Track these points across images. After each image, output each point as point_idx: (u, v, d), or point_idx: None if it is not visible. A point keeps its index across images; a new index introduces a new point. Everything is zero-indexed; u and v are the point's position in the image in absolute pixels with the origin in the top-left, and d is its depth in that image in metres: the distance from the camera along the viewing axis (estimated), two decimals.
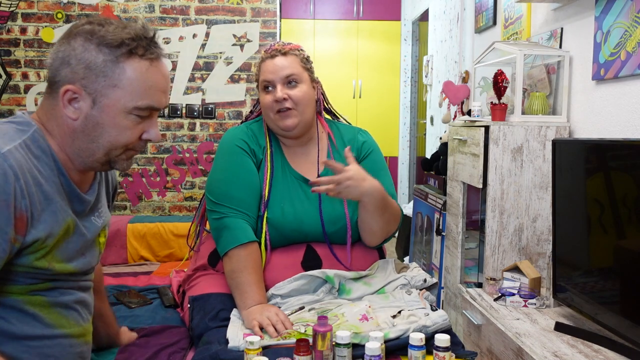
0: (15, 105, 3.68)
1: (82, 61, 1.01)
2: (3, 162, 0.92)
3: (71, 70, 1.02)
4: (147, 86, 1.05)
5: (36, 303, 1.01)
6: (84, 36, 1.02)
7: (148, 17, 3.68)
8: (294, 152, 1.67)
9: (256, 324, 1.39)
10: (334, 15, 5.79)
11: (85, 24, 1.04)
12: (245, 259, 1.50)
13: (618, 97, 1.95)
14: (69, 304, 1.07)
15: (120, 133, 1.05)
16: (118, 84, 1.03)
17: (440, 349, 1.23)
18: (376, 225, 1.59)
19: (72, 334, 1.07)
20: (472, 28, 3.45)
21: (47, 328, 1.02)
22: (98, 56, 1.02)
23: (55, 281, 1.05)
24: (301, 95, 1.60)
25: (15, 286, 0.99)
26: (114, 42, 1.02)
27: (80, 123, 1.04)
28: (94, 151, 1.06)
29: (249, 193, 1.58)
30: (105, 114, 1.03)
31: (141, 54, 1.04)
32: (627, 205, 1.48)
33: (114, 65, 1.02)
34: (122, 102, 1.04)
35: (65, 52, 1.02)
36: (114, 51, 1.02)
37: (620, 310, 1.49)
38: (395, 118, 5.88)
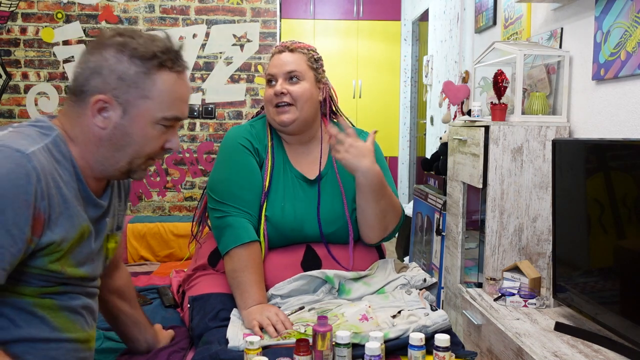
0: (15, 105, 3.68)
1: (114, 72, 1.03)
2: (27, 163, 0.93)
3: (103, 81, 1.03)
4: (174, 97, 1.08)
5: (45, 306, 1.02)
6: (116, 48, 1.04)
7: (148, 17, 3.68)
8: (295, 150, 1.67)
9: (256, 324, 1.39)
10: (334, 15, 5.79)
11: (115, 36, 1.06)
12: (246, 258, 1.50)
13: (618, 97, 1.95)
14: (77, 309, 1.08)
15: (147, 142, 1.08)
16: (148, 94, 1.05)
17: (440, 349, 1.23)
18: (372, 212, 1.58)
19: (77, 339, 1.08)
20: (472, 28, 3.45)
21: (54, 331, 1.03)
22: (130, 67, 1.04)
23: (65, 285, 1.06)
24: (301, 91, 1.60)
25: (28, 288, 1.00)
26: (146, 54, 1.05)
27: (109, 132, 1.06)
28: (118, 159, 1.08)
29: (252, 192, 1.58)
30: (135, 123, 1.06)
31: (170, 66, 1.07)
32: (627, 205, 1.48)
33: (146, 77, 1.05)
34: (151, 112, 1.06)
35: (97, 62, 1.04)
36: (145, 63, 1.05)
37: (620, 310, 1.49)
38: (395, 118, 5.88)
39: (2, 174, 0.91)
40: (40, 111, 3.70)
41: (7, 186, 0.91)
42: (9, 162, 0.92)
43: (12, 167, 0.92)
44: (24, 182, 0.92)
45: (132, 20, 3.68)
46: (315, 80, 1.65)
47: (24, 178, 0.92)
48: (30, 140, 0.98)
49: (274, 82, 1.62)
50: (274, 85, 1.62)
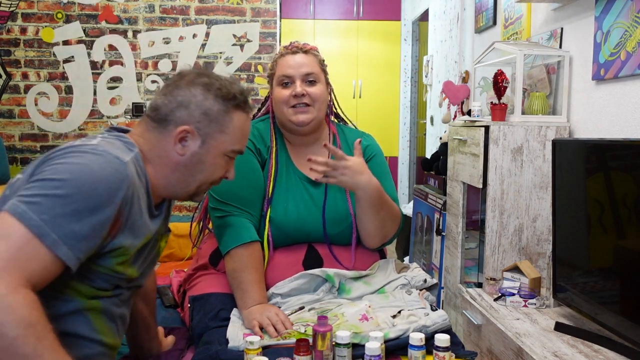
0: (15, 105, 3.68)
1: (200, 107, 1.18)
2: (124, 169, 1.05)
3: (188, 114, 1.18)
4: (243, 134, 1.26)
5: (91, 307, 1.10)
6: (204, 86, 1.20)
7: (148, 17, 3.68)
8: (298, 151, 1.68)
9: (256, 323, 1.39)
10: (334, 15, 5.79)
11: (202, 76, 1.22)
12: (247, 258, 1.50)
13: (618, 97, 1.95)
14: (114, 317, 1.16)
15: (215, 171, 1.24)
16: (225, 130, 1.21)
17: (440, 349, 1.23)
18: (371, 224, 1.59)
19: (108, 344, 1.15)
20: (472, 28, 3.46)
21: (93, 332, 1.11)
22: (215, 105, 1.19)
23: (118, 288, 1.15)
24: (319, 93, 1.61)
25: (86, 286, 1.08)
26: (228, 95, 1.21)
27: (186, 159, 1.19)
28: (189, 183, 1.22)
29: (253, 192, 1.59)
30: (210, 153, 1.20)
31: (243, 107, 1.24)
32: (627, 205, 1.48)
33: (225, 114, 1.21)
34: (225, 145, 1.22)
35: (185, 97, 1.19)
36: (227, 103, 1.21)
37: (620, 310, 1.49)
38: (395, 118, 5.88)
39: (102, 176, 1.02)
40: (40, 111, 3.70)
41: (104, 187, 1.01)
42: (109, 166, 1.04)
43: (111, 171, 1.03)
44: (117, 185, 1.03)
45: (132, 20, 3.68)
46: (325, 82, 1.67)
47: (118, 183, 1.04)
48: (122, 151, 1.10)
49: (290, 84, 1.61)
50: (289, 86, 1.61)
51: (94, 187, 1.00)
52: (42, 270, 0.96)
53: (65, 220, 0.97)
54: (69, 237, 0.97)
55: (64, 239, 0.97)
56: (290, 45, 1.66)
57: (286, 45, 1.67)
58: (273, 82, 1.66)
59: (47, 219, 0.96)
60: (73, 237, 0.98)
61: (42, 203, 0.97)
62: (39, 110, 3.70)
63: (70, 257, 0.98)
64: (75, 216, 0.98)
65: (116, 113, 3.74)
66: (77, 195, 0.98)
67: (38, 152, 3.72)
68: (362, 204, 1.55)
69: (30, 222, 0.95)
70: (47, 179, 1.00)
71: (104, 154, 1.05)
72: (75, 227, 0.98)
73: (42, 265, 0.96)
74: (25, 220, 0.95)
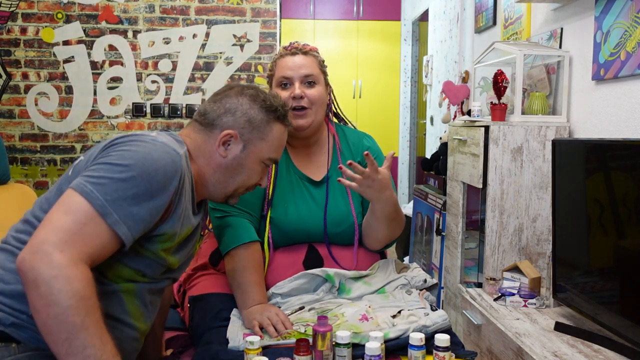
0: (15, 105, 3.68)
1: (245, 115, 1.29)
2: (179, 160, 1.15)
3: (234, 120, 1.28)
4: (280, 144, 1.35)
5: (127, 290, 1.17)
6: (250, 97, 1.31)
7: (148, 17, 3.68)
8: (299, 152, 1.67)
9: (256, 323, 1.39)
10: (334, 15, 5.79)
11: (249, 88, 1.34)
12: (247, 258, 1.50)
13: (618, 97, 1.95)
14: (146, 302, 1.22)
15: (252, 175, 1.33)
16: (265, 138, 1.31)
17: (440, 349, 1.23)
18: (381, 233, 1.61)
19: (138, 328, 1.21)
20: (472, 28, 3.46)
21: (124, 314, 1.17)
22: (259, 114, 1.30)
23: (155, 277, 1.21)
24: (318, 95, 1.60)
25: (127, 269, 1.15)
26: (272, 107, 1.32)
27: (228, 160, 1.29)
28: (228, 184, 1.31)
29: (253, 193, 1.58)
30: (249, 158, 1.30)
31: (282, 120, 1.35)
32: (627, 205, 1.48)
33: (267, 124, 1.31)
34: (263, 152, 1.32)
35: (232, 105, 1.30)
36: (270, 114, 1.31)
37: (620, 310, 1.49)
38: (395, 118, 5.88)
39: (160, 165, 1.11)
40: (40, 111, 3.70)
41: (162, 175, 1.11)
42: (167, 156, 1.13)
43: (168, 161, 1.13)
44: (173, 174, 1.13)
45: (132, 20, 3.68)
46: (325, 84, 1.66)
47: (173, 172, 1.13)
48: (177, 146, 1.19)
49: (289, 85, 1.61)
50: (288, 87, 1.60)
51: (154, 174, 1.09)
52: (101, 247, 1.05)
53: (127, 202, 1.06)
54: (128, 218, 1.06)
55: (124, 219, 1.06)
56: (289, 46, 1.65)
57: (285, 46, 1.66)
58: (272, 83, 1.65)
59: (110, 200, 1.05)
60: (132, 218, 1.07)
61: (107, 185, 1.06)
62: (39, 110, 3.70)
63: (128, 236, 1.07)
64: (135, 199, 1.07)
65: (116, 113, 3.74)
66: (139, 180, 1.08)
67: (38, 152, 3.72)
68: (378, 216, 1.56)
69: (96, 202, 1.04)
70: (113, 163, 1.08)
71: (163, 146, 1.14)
72: (134, 209, 1.07)
73: (102, 242, 1.05)
74: (91, 199, 1.04)
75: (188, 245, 1.28)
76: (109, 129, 3.73)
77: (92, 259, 1.04)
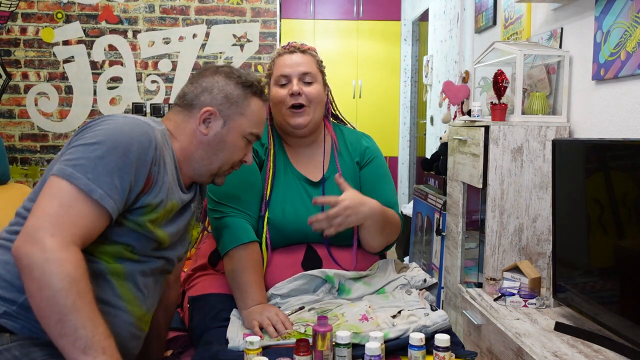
0: (15, 105, 3.68)
1: (222, 91, 1.32)
2: (152, 133, 1.18)
3: (212, 97, 1.31)
4: (259, 119, 1.37)
5: (115, 272, 1.18)
6: (225, 75, 1.34)
7: (148, 17, 3.68)
8: (296, 152, 1.67)
9: (256, 324, 1.38)
10: (334, 15, 5.79)
11: (224, 67, 1.36)
12: (245, 258, 1.50)
13: (618, 97, 1.95)
14: (139, 285, 1.22)
15: (235, 151, 1.35)
16: (244, 112, 1.34)
17: (440, 349, 1.23)
18: (376, 241, 1.61)
19: (133, 312, 1.21)
20: (472, 28, 3.46)
21: (115, 297, 1.18)
22: (235, 90, 1.33)
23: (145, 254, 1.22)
24: (315, 93, 1.60)
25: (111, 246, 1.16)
26: (247, 82, 1.34)
27: (209, 138, 1.31)
28: (212, 161, 1.33)
29: (251, 193, 1.58)
30: (230, 134, 1.32)
31: (260, 95, 1.37)
32: (627, 205, 1.48)
33: (245, 99, 1.34)
34: (244, 127, 1.34)
35: (209, 83, 1.32)
36: (246, 89, 1.34)
37: (620, 310, 1.49)
38: (395, 118, 5.88)
39: (134, 135, 1.14)
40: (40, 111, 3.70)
41: (135, 144, 1.14)
42: (139, 128, 1.16)
43: (141, 132, 1.16)
44: (147, 145, 1.16)
45: (132, 20, 3.68)
46: (323, 83, 1.66)
47: (147, 142, 1.16)
48: (151, 121, 1.24)
49: (287, 83, 1.61)
50: (286, 85, 1.60)
51: (129, 145, 1.13)
52: (90, 225, 1.09)
53: (109, 176, 1.10)
54: (112, 191, 1.10)
55: (108, 192, 1.09)
56: (288, 45, 1.66)
57: (284, 46, 1.66)
58: (271, 83, 1.65)
59: (92, 177, 1.09)
60: (116, 191, 1.10)
61: (85, 164, 1.09)
62: (39, 110, 3.70)
63: (115, 209, 1.11)
64: (115, 173, 1.10)
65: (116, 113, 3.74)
66: (115, 154, 1.11)
67: (38, 152, 3.72)
68: (370, 229, 1.57)
69: (79, 181, 1.08)
70: (88, 143, 1.12)
71: (134, 119, 1.19)
72: (117, 182, 1.11)
73: (91, 220, 1.08)
74: (73, 180, 1.08)
75: (177, 222, 1.29)
76: None
77: (83, 239, 1.07)
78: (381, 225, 1.56)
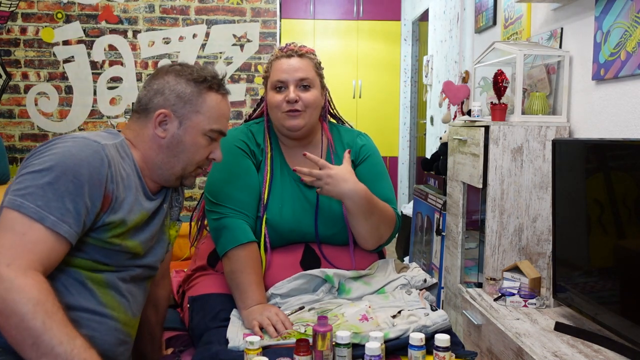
0: (15, 105, 3.68)
1: (174, 91, 1.28)
2: (102, 150, 1.16)
3: (164, 99, 1.27)
4: (219, 114, 1.32)
5: (95, 280, 1.18)
6: (176, 73, 1.30)
7: (148, 17, 3.68)
8: (293, 153, 1.67)
9: (256, 324, 1.38)
10: (334, 15, 5.79)
11: (174, 65, 1.32)
12: (244, 259, 1.50)
13: (618, 97, 1.95)
14: (122, 292, 1.22)
15: (196, 151, 1.30)
16: (200, 110, 1.29)
17: (440, 349, 1.23)
18: (362, 229, 1.59)
19: (119, 319, 1.21)
20: (472, 28, 3.45)
21: (99, 305, 1.18)
22: (187, 88, 1.28)
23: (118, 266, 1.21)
24: (312, 99, 1.59)
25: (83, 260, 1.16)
26: (199, 78, 1.29)
27: (167, 140, 1.28)
28: (174, 164, 1.29)
29: (248, 194, 1.58)
30: (188, 134, 1.28)
31: (216, 89, 1.32)
32: (627, 205, 1.48)
33: (198, 96, 1.29)
34: (201, 124, 1.29)
35: (160, 84, 1.29)
36: (199, 85, 1.29)
37: (620, 310, 1.49)
38: (395, 118, 5.88)
39: (82, 157, 1.12)
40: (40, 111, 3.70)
41: (85, 166, 1.12)
42: (88, 149, 1.14)
43: (90, 152, 1.14)
44: (98, 164, 1.14)
45: (132, 20, 3.68)
46: (320, 86, 1.64)
47: (99, 162, 1.14)
48: (102, 137, 1.21)
49: (284, 88, 1.59)
50: (283, 91, 1.59)
51: (78, 168, 1.11)
52: (48, 251, 1.07)
53: (59, 202, 1.08)
54: (65, 216, 1.08)
55: (61, 218, 1.08)
56: (285, 48, 1.64)
57: (282, 48, 1.64)
58: (267, 85, 1.64)
59: (42, 205, 1.07)
60: (70, 215, 1.09)
61: (34, 192, 1.08)
62: (39, 110, 3.70)
63: (72, 233, 1.09)
64: (66, 197, 1.09)
65: (116, 113, 3.74)
66: (64, 178, 1.09)
67: None
68: (351, 211, 1.55)
69: (29, 210, 1.06)
70: (36, 170, 1.10)
71: (82, 140, 1.16)
72: (70, 206, 1.09)
73: (48, 246, 1.07)
74: (23, 210, 1.07)
75: (149, 229, 1.28)
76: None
77: (43, 265, 1.06)
78: (365, 210, 1.55)
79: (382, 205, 1.60)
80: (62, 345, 0.99)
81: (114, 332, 1.20)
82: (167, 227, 1.38)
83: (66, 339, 1.00)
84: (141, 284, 1.30)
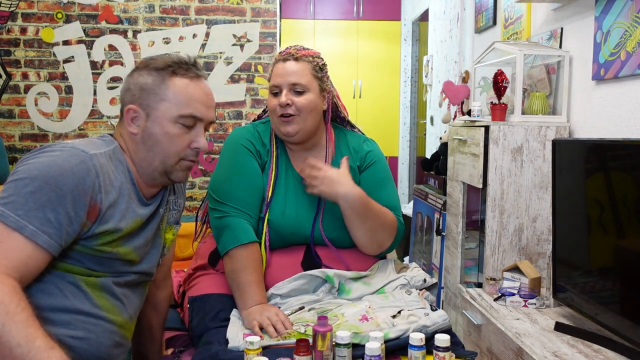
0: (15, 105, 3.68)
1: (137, 85, 1.25)
2: (89, 160, 1.14)
3: (131, 94, 1.26)
4: (188, 98, 1.26)
5: (89, 283, 1.18)
6: (140, 67, 1.28)
7: (148, 17, 3.68)
8: (298, 155, 1.67)
9: (256, 324, 1.39)
10: (334, 15, 5.79)
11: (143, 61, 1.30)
12: (245, 258, 1.50)
13: (618, 97, 1.95)
14: (117, 295, 1.22)
15: (171, 141, 1.25)
16: (164, 97, 1.24)
17: (440, 349, 1.23)
18: (359, 233, 1.59)
19: (114, 321, 1.21)
20: (472, 28, 3.45)
21: (94, 308, 1.18)
22: (149, 78, 1.25)
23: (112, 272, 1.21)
24: (306, 103, 1.58)
25: (76, 267, 1.16)
26: (160, 66, 1.26)
27: (140, 136, 1.25)
28: (151, 160, 1.26)
29: (252, 193, 1.58)
30: (157, 124, 1.24)
31: (182, 73, 1.27)
32: (627, 205, 1.48)
33: (161, 83, 1.25)
34: (169, 112, 1.24)
35: (127, 83, 1.27)
36: (160, 73, 1.25)
37: (620, 310, 1.49)
38: (395, 118, 5.88)
39: (67, 167, 1.11)
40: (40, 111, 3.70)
41: (69, 176, 1.10)
42: (74, 159, 1.13)
43: (76, 162, 1.12)
44: (84, 175, 1.12)
45: (132, 20, 3.68)
46: (319, 90, 1.63)
47: (84, 172, 1.12)
48: (93, 146, 1.19)
49: (279, 93, 1.60)
50: (278, 95, 1.59)
51: (61, 178, 1.10)
52: (26, 259, 1.06)
53: (40, 212, 1.07)
54: (45, 226, 1.07)
55: (41, 228, 1.07)
56: (284, 51, 1.63)
57: (281, 51, 1.64)
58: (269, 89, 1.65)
59: (22, 214, 1.07)
60: (50, 225, 1.08)
61: (16, 201, 1.07)
62: (39, 110, 3.70)
63: (51, 244, 1.08)
64: (48, 207, 1.08)
65: (116, 113, 3.73)
66: (47, 188, 1.08)
67: None
68: (346, 213, 1.55)
69: (8, 219, 1.06)
70: (19, 179, 1.10)
71: (70, 149, 1.14)
72: (51, 216, 1.08)
73: (25, 254, 1.06)
74: (3, 219, 1.06)
75: (143, 234, 1.27)
76: (109, 129, 3.73)
77: (20, 272, 1.05)
78: (360, 213, 1.54)
79: (380, 211, 1.60)
80: (20, 347, 0.98)
81: (110, 335, 1.20)
82: (162, 231, 1.37)
83: (24, 340, 0.99)
84: (136, 289, 1.30)
